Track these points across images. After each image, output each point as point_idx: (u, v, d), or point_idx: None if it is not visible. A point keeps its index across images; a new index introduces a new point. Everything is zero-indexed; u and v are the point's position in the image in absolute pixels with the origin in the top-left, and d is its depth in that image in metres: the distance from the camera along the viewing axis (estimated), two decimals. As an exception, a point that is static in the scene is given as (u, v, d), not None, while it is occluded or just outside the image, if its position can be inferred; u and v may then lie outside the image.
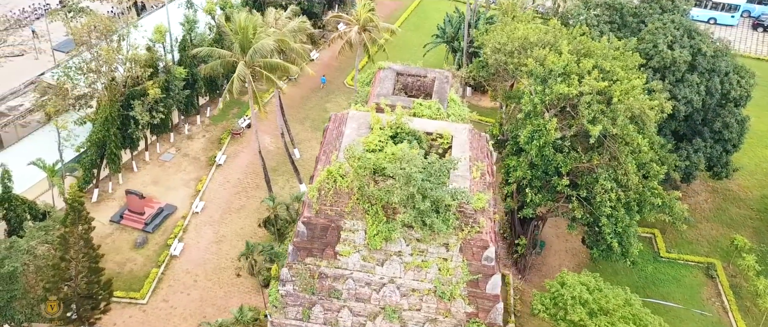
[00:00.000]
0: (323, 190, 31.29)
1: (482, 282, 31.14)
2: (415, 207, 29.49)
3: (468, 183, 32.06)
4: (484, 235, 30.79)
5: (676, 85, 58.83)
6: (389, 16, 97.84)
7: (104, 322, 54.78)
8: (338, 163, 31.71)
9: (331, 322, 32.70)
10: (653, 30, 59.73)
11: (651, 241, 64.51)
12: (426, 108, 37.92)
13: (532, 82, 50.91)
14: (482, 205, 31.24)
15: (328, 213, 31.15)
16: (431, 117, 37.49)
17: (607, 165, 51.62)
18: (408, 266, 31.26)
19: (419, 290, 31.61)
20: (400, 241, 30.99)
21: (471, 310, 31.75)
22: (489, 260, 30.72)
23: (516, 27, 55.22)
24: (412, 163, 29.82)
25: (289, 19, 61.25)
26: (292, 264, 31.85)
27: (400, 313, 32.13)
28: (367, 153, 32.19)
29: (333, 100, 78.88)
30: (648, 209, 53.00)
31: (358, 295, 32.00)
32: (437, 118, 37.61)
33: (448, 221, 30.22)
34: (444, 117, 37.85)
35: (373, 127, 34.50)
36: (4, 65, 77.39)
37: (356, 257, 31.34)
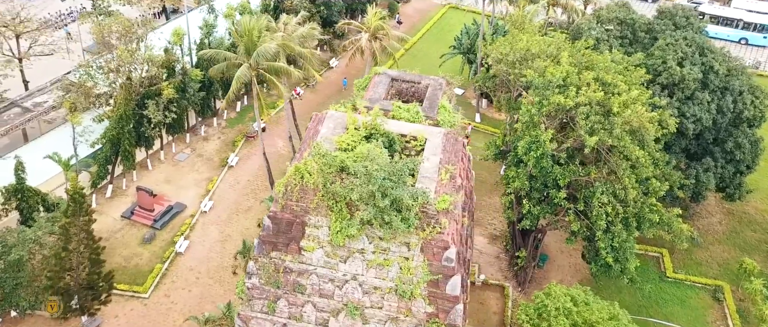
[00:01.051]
0: (290, 185, 31.87)
1: (442, 282, 31.35)
2: (375, 205, 29.90)
3: (434, 184, 32.34)
4: (446, 236, 31.00)
5: (685, 102, 58.33)
6: (412, 27, 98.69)
7: (106, 314, 56.00)
8: (306, 160, 32.31)
9: (296, 317, 33.17)
10: (663, 46, 59.36)
11: (658, 261, 63.78)
12: (405, 111, 38.36)
13: (532, 92, 51.03)
14: (445, 206, 31.49)
15: (293, 208, 31.70)
16: (409, 120, 37.88)
17: (605, 179, 51.41)
18: (370, 264, 31.64)
19: (381, 288, 31.94)
20: (363, 238, 31.39)
21: (431, 310, 31.96)
22: (449, 261, 30.93)
23: (520, 38, 55.35)
24: (375, 162, 30.26)
25: (299, 25, 62.13)
26: (257, 257, 32.48)
27: (362, 311, 32.47)
28: (335, 151, 32.74)
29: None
30: (647, 226, 52.53)
31: (322, 290, 32.43)
32: (415, 121, 37.98)
33: (408, 220, 30.54)
34: (421, 120, 38.21)
35: (348, 128, 35.01)
36: (33, 64, 79.87)
37: (320, 253, 31.81)
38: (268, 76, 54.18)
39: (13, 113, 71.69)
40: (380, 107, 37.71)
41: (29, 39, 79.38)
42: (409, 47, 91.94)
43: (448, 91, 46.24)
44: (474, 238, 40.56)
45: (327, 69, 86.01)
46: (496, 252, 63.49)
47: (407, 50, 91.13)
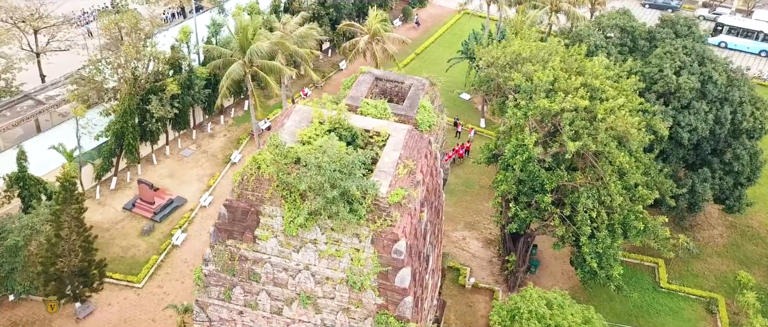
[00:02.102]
0: (246, 175, 32.58)
1: (391, 275, 31.77)
2: (323, 195, 30.48)
3: (389, 178, 32.82)
4: (396, 228, 31.44)
5: (681, 111, 58.01)
6: (425, 31, 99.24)
7: (100, 301, 57.29)
8: (262, 150, 33.01)
9: (251, 305, 33.80)
10: (661, 54, 59.13)
11: (654, 271, 63.40)
12: (372, 107, 38.89)
13: (519, 96, 51.26)
14: (398, 199, 31.94)
15: (249, 198, 32.38)
16: (376, 116, 38.41)
17: (591, 184, 51.44)
18: (322, 254, 32.17)
19: (333, 279, 32.47)
20: (316, 229, 31.94)
21: (381, 301, 32.39)
22: (399, 253, 31.35)
23: (512, 42, 55.63)
24: (327, 153, 30.85)
25: (299, 25, 62.97)
26: (213, 244, 33.19)
27: (315, 300, 33.01)
28: (296, 143, 33.42)
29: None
30: (633, 233, 52.40)
31: (276, 279, 33.04)
32: (383, 117, 38.51)
33: (357, 212, 31.05)
34: (388, 117, 38.73)
35: (313, 121, 35.67)
36: (50, 59, 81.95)
37: (274, 242, 32.44)
38: (261, 73, 55.06)
39: (27, 105, 73.64)
40: (348, 103, 38.33)
41: (47, 35, 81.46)
42: (421, 51, 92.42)
43: (430, 92, 46.66)
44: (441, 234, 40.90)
45: (337, 71, 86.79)
46: (490, 256, 63.67)
47: (418, 54, 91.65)
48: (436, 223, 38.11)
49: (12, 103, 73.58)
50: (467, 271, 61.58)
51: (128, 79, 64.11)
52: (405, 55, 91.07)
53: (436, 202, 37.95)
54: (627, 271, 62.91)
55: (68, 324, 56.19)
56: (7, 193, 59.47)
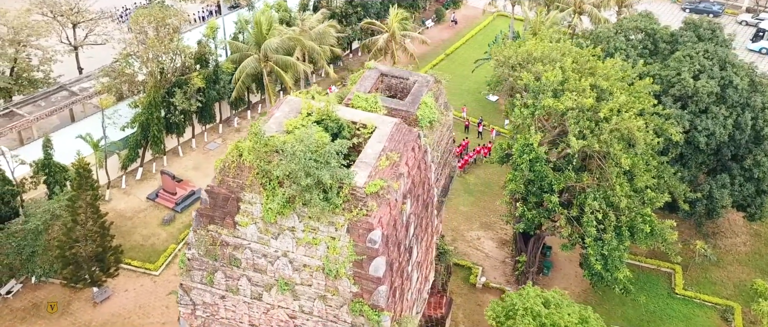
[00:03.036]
0: (227, 162, 33.44)
1: (366, 263, 32.24)
2: (297, 183, 31.17)
3: (369, 169, 33.34)
4: (372, 218, 31.92)
5: (699, 115, 57.32)
6: (456, 33, 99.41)
7: (117, 287, 58.96)
8: (244, 138, 33.84)
9: (233, 289, 34.60)
10: (680, 57, 58.47)
11: (670, 277, 62.62)
12: (363, 100, 39.46)
13: (527, 95, 51.38)
14: (375, 190, 32.45)
15: (229, 184, 33.19)
16: (366, 109, 38.95)
17: (597, 185, 51.29)
18: (299, 242, 32.81)
19: (310, 266, 33.08)
20: (294, 217, 32.60)
21: (356, 290, 32.89)
22: (373, 243, 31.82)
23: (525, 41, 55.70)
24: (303, 142, 31.53)
25: (318, 23, 63.85)
26: (195, 229, 34.11)
27: (292, 287, 33.66)
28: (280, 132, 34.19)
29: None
30: (640, 236, 52.01)
31: (256, 265, 33.78)
32: (373, 110, 39.04)
33: (330, 200, 31.63)
34: (379, 110, 39.22)
35: (301, 112, 36.40)
36: (90, 52, 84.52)
37: (253, 229, 33.19)
38: (276, 68, 56.06)
39: (61, 96, 76.18)
40: (338, 95, 38.95)
41: (86, 29, 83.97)
42: (451, 52, 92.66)
43: (434, 89, 46.98)
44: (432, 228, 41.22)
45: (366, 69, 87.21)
46: (503, 257, 63.65)
47: (448, 55, 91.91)
48: (424, 216, 38.48)
49: (47, 94, 76.19)
50: (479, 270, 61.68)
51: (154, 72, 65.72)
52: (435, 55, 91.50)
53: (424, 196, 38.33)
54: (642, 276, 62.48)
55: (86, 307, 57.98)
56: (33, 179, 61.52)
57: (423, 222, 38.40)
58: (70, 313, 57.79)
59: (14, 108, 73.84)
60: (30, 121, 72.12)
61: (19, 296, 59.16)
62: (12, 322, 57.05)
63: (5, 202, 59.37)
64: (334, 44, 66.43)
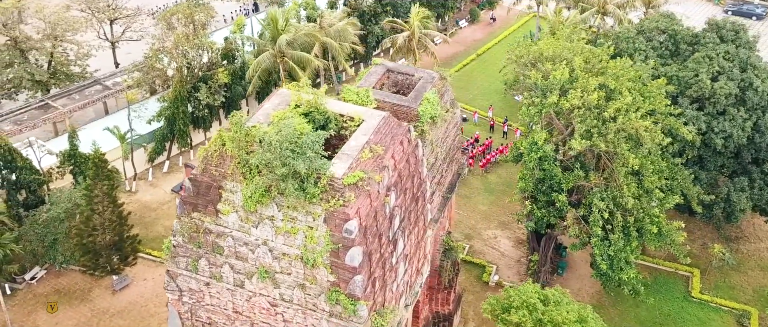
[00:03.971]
0: (210, 150, 34.28)
1: (342, 253, 32.76)
2: (273, 172, 31.85)
3: (350, 161, 33.84)
4: (349, 209, 32.42)
5: (716, 117, 56.45)
6: (490, 33, 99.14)
7: (137, 276, 60.55)
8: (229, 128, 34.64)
9: (216, 277, 35.41)
10: (699, 59, 57.62)
11: (688, 280, 61.70)
12: (353, 94, 39.98)
13: (533, 93, 51.34)
14: (354, 181, 32.94)
15: (212, 173, 34.00)
16: (356, 103, 39.45)
17: (605, 185, 50.99)
18: (279, 231, 33.45)
19: (289, 255, 33.69)
20: (273, 206, 33.29)
21: (333, 279, 33.40)
22: (349, 232, 32.29)
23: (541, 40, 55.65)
24: (281, 132, 32.19)
25: (338, 20, 64.51)
26: (180, 217, 35.04)
27: (273, 275, 34.31)
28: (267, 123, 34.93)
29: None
30: (648, 237, 51.51)
31: (238, 253, 34.53)
32: (364, 104, 39.52)
33: (306, 190, 32.21)
34: (369, 104, 39.68)
35: (290, 104, 37.10)
36: (128, 48, 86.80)
37: (235, 217, 33.94)
38: (290, 63, 56.92)
39: (95, 90, 78.39)
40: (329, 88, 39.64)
41: (123, 25, 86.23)
42: (483, 52, 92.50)
43: (439, 85, 47.28)
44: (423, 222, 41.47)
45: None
46: (519, 256, 63.53)
47: (479, 55, 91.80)
48: (413, 210, 38.78)
49: (82, 88, 78.50)
50: (492, 268, 61.69)
51: (181, 67, 67.22)
52: (466, 55, 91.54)
53: (414, 189, 38.66)
54: (659, 279, 61.81)
55: (105, 295, 59.68)
56: (59, 169, 63.52)
57: (411, 215, 38.72)
58: (89, 300, 59.57)
59: (50, 100, 76.25)
60: (63, 114, 74.33)
61: (43, 282, 61.18)
62: (34, 307, 59.06)
63: (31, 191, 61.57)
64: (356, 42, 66.99)
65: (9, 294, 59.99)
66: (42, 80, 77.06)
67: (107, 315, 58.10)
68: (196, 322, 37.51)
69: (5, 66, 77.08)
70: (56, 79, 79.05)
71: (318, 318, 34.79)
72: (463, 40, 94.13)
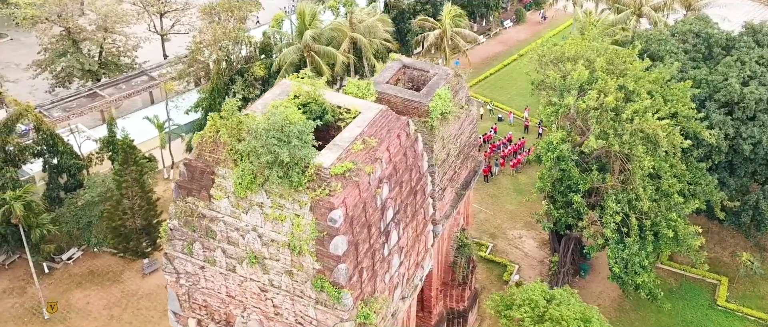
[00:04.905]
0: (205, 137, 35.35)
1: (327, 241, 33.42)
2: (257, 159, 32.74)
3: (340, 151, 34.51)
4: (334, 198, 33.08)
5: (746, 122, 55.27)
6: (534, 34, 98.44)
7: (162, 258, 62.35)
8: (218, 115, 35.64)
9: (210, 261, 36.41)
10: (730, 62, 56.48)
11: (715, 288, 60.51)
12: (354, 87, 40.62)
13: (551, 93, 51.22)
14: (341, 171, 33.60)
15: (206, 158, 35.02)
16: (357, 96, 40.08)
17: (621, 187, 50.56)
18: (267, 217, 34.28)
19: (277, 241, 34.48)
20: (262, 193, 34.17)
21: (318, 266, 34.06)
22: (333, 222, 32.91)
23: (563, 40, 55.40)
24: (269, 121, 33.06)
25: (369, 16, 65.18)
26: (175, 200, 36.22)
27: (262, 261, 35.16)
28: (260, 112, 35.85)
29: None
30: (664, 241, 50.85)
31: (229, 238, 35.48)
32: (365, 97, 40.13)
33: (290, 177, 32.96)
34: (370, 97, 40.26)
35: (289, 95, 37.98)
36: (172, 40, 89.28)
37: (226, 203, 34.90)
38: (316, 58, 57.88)
39: (141, 80, 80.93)
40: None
41: (173, 19, 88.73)
42: (525, 52, 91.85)
43: (453, 82, 47.59)
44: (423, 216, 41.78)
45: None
46: (542, 257, 63.31)
47: (522, 56, 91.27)
48: (410, 203, 39.17)
49: (129, 78, 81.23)
50: (514, 268, 61.63)
51: (219, 60, 68.91)
52: (508, 55, 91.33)
53: (412, 182, 39.06)
54: (685, 285, 60.96)
55: (135, 278, 61.77)
56: (98, 154, 65.91)
57: (408, 208, 39.13)
58: (120, 282, 61.79)
59: (98, 89, 79.05)
60: (109, 102, 76.97)
61: (79, 263, 63.72)
62: (69, 286, 61.57)
63: (71, 175, 64.14)
64: (388, 39, 67.55)
65: (47, 273, 62.69)
66: (92, 70, 79.86)
67: (136, 297, 60.13)
68: (193, 304, 38.69)
69: (59, 55, 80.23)
70: (106, 69, 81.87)
71: (305, 304, 35.55)
72: (507, 40, 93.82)
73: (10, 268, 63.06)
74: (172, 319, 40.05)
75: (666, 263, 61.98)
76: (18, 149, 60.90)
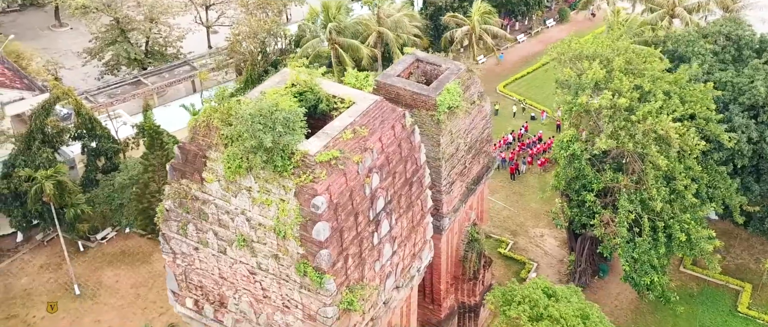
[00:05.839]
0: (199, 121, 36.56)
1: (310, 227, 34.30)
2: (241, 144, 33.80)
3: (327, 140, 35.35)
4: (318, 184, 33.93)
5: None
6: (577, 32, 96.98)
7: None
8: (211, 101, 36.81)
9: (203, 242, 37.58)
10: (758, 65, 55.41)
11: (737, 295, 59.41)
12: (353, 77, 41.37)
13: (565, 91, 51.16)
14: (326, 159, 34.43)
15: (199, 142, 36.20)
16: (354, 86, 40.83)
17: (635, 187, 50.24)
18: (255, 201, 35.29)
19: (264, 225, 35.45)
20: (250, 177, 35.22)
21: (302, 251, 34.97)
22: (316, 208, 33.73)
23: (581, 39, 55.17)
24: (256, 106, 34.11)
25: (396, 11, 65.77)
26: (170, 182, 37.56)
27: (250, 244, 36.25)
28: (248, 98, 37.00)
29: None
30: (676, 243, 50.32)
31: (220, 220, 36.62)
32: (362, 88, 40.86)
33: (274, 163, 33.91)
34: (367, 88, 40.95)
35: (287, 83, 38.99)
36: (218, 32, 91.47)
37: (217, 186, 36.02)
38: (340, 50, 58.78)
39: (183, 70, 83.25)
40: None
41: (218, 11, 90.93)
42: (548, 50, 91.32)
43: (464, 77, 47.96)
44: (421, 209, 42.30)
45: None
46: (562, 256, 63.07)
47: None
48: (404, 194, 39.71)
49: (173, 67, 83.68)
50: (533, 266, 61.61)
51: (254, 51, 70.50)
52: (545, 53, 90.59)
53: (406, 174, 39.64)
54: (707, 290, 60.14)
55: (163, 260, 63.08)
56: (134, 139, 68.20)
57: (402, 199, 39.70)
58: (149, 263, 63.98)
59: (142, 77, 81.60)
60: (151, 90, 79.39)
61: (112, 243, 66.21)
62: (101, 264, 64.05)
63: (108, 158, 66.59)
64: (418, 35, 68.00)
65: (82, 251, 65.24)
66: (138, 59, 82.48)
67: (162, 278, 61.95)
68: (189, 284, 40.01)
69: (108, 44, 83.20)
70: (152, 58, 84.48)
71: (291, 288, 36.49)
72: (548, 39, 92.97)
73: (49, 245, 65.72)
74: (171, 298, 41.52)
75: (689, 267, 61.20)
76: (55, 131, 63.36)
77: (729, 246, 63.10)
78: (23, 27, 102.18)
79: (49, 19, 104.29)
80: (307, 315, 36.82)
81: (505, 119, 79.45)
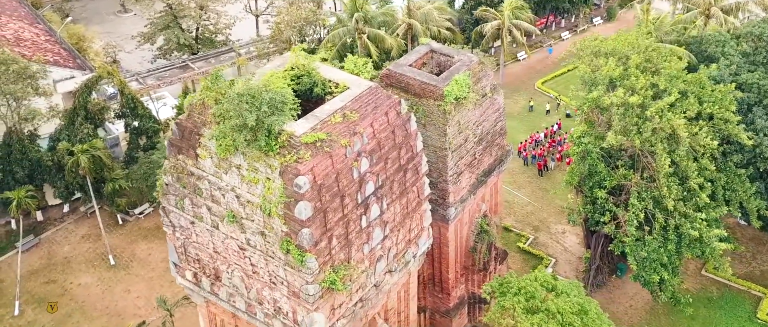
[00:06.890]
0: (195, 99, 38.18)
1: (292, 205, 35.54)
2: (228, 122, 35.26)
3: (315, 122, 36.56)
4: (302, 165, 35.14)
5: (796, 131, 53.15)
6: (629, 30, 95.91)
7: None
8: (208, 80, 38.34)
9: (198, 217, 39.26)
10: (783, 67, 54.39)
11: (759, 301, 58.35)
12: (352, 63, 42.35)
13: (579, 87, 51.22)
14: (312, 140, 35.64)
15: (195, 119, 37.79)
16: (353, 72, 41.82)
17: (646, 185, 50.01)
18: (244, 179, 36.68)
19: (252, 203, 36.82)
20: (239, 155, 36.66)
21: (286, 229, 36.27)
22: (298, 187, 34.89)
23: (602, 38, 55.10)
24: (245, 87, 35.55)
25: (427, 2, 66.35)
26: (168, 157, 39.30)
27: (240, 220, 37.70)
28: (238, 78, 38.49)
29: (511, 97, 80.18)
30: (685, 242, 49.91)
31: (213, 196, 38.13)
32: (359, 74, 41.82)
33: (258, 142, 35.25)
34: (365, 74, 41.86)
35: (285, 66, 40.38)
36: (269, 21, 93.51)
37: (210, 162, 37.51)
38: (366, 41, 59.76)
39: (228, 56, 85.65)
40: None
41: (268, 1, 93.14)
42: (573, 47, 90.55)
43: (475, 69, 48.46)
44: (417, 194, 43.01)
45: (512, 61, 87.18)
46: (582, 253, 62.84)
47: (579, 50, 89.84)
48: (397, 180, 40.50)
49: (219, 53, 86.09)
50: (550, 262, 61.65)
51: (288, 39, 72.23)
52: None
53: (400, 160, 40.46)
54: (727, 296, 59.19)
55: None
56: (173, 119, 70.75)
57: (395, 185, 40.56)
58: (179, 239, 66.07)
59: (189, 62, 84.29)
60: (198, 74, 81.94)
61: (149, 218, 68.96)
62: (136, 238, 66.99)
63: (148, 136, 69.25)
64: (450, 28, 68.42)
65: (121, 224, 68.16)
66: (187, 44, 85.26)
67: (190, 254, 64.30)
68: (188, 257, 41.73)
69: (160, 29, 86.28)
70: (202, 44, 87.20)
71: (276, 265, 37.82)
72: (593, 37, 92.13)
73: (92, 217, 68.69)
74: (172, 270, 43.36)
75: (711, 271, 60.30)
76: (97, 109, 66.23)
77: (756, 252, 62.06)
78: (91, 11, 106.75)
79: (115, 4, 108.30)
80: (292, 292, 38.11)
81: (539, 116, 79.29)
